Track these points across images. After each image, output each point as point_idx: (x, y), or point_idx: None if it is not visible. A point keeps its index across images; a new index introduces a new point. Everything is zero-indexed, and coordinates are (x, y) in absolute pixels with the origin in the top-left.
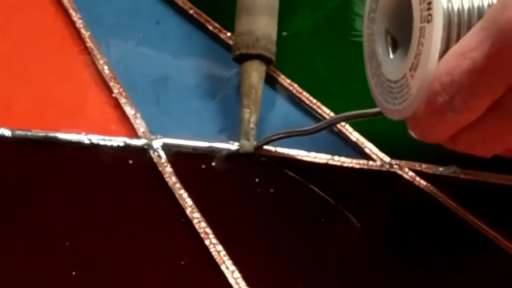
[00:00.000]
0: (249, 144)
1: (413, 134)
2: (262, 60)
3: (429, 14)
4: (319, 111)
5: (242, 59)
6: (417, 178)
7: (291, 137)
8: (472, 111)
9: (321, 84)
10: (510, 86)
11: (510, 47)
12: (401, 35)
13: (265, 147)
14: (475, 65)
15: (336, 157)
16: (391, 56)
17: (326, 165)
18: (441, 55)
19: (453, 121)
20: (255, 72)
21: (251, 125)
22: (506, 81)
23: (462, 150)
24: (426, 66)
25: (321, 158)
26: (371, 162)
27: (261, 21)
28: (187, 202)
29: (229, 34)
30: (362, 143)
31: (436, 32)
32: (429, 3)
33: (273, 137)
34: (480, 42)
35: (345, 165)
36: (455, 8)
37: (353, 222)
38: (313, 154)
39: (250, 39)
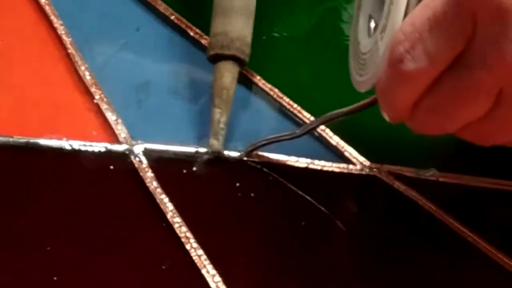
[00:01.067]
0: (218, 144)
1: (381, 107)
2: (236, 61)
3: None
4: (300, 115)
5: (216, 59)
6: (397, 182)
7: (280, 141)
8: (432, 64)
9: (302, 89)
10: (469, 39)
11: None
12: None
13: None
14: (435, 14)
15: (317, 161)
16: (369, 35)
17: (306, 169)
18: None
19: (412, 76)
20: (228, 73)
21: (221, 125)
22: (464, 32)
23: (421, 126)
24: (394, 20)
25: (302, 162)
26: (351, 166)
27: (236, 22)
28: (168, 207)
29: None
30: (342, 147)
31: None
32: None
33: (263, 142)
34: None
35: (325, 169)
36: None
37: (334, 226)
38: (293, 158)
39: (225, 40)
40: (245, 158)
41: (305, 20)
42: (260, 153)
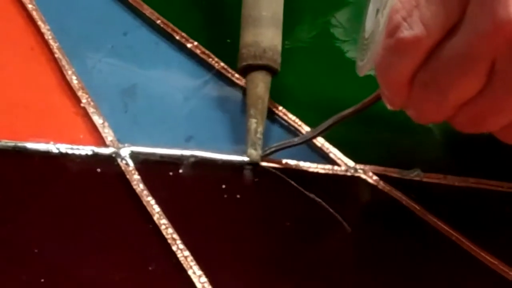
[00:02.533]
0: (256, 154)
1: (380, 85)
2: (268, 70)
3: None
4: (285, 117)
5: (248, 70)
6: (381, 182)
7: (292, 146)
8: (428, 32)
9: (287, 91)
10: (464, 7)
11: None
12: None
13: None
14: None
15: (302, 163)
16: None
17: (291, 170)
18: None
19: (408, 43)
20: (262, 83)
21: (258, 135)
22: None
23: (419, 108)
24: None
25: (288, 164)
26: (336, 167)
27: (267, 32)
28: (155, 208)
29: (196, 43)
30: (327, 149)
31: None
32: None
33: (273, 149)
34: None
35: (311, 170)
36: None
37: (319, 226)
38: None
39: (257, 50)
40: (229, 160)
41: (305, 32)
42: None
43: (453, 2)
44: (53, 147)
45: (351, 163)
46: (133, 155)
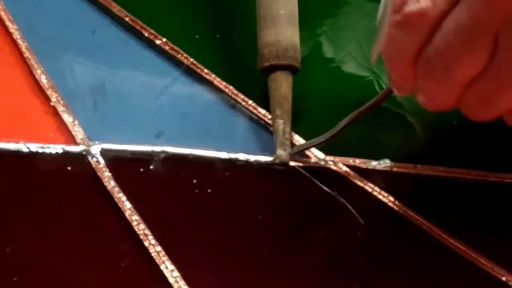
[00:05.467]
0: (285, 154)
1: (387, 67)
2: (289, 70)
3: None
4: (255, 111)
5: (270, 70)
6: (352, 173)
7: (318, 145)
8: (433, 3)
9: (255, 85)
10: None
11: None
12: None
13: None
14: None
15: (271, 158)
16: None
17: (259, 163)
18: None
19: (417, 18)
20: (286, 83)
21: (286, 135)
22: None
23: (424, 84)
24: None
25: (255, 156)
26: (305, 159)
27: (286, 31)
28: (126, 205)
29: (164, 40)
30: (297, 141)
31: None
32: None
33: (304, 147)
34: None
35: None
36: None
37: (292, 219)
38: (244, 155)
39: (279, 50)
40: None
41: None
42: (216, 152)
43: None
44: (23, 147)
45: (321, 155)
46: (104, 153)
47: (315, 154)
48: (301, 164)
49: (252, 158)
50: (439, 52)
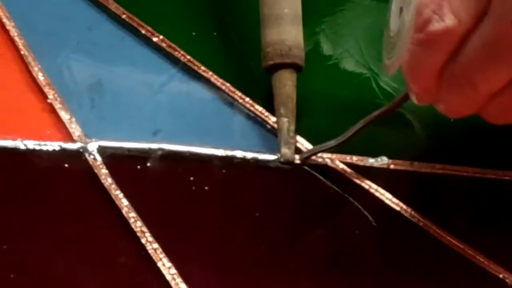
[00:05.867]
0: (290, 153)
1: (408, 82)
2: (293, 68)
3: None
4: (252, 108)
5: (274, 68)
6: (349, 170)
7: (330, 148)
8: (459, 21)
9: (253, 83)
10: None
11: None
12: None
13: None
14: None
15: (269, 155)
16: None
17: (258, 161)
18: None
19: (442, 37)
20: (289, 81)
21: (291, 134)
22: None
23: (447, 97)
24: None
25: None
26: None
27: (290, 30)
28: (123, 202)
29: (161, 37)
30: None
31: None
32: None
33: (317, 150)
34: None
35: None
36: None
37: (289, 216)
38: (242, 153)
39: (283, 49)
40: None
41: None
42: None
43: None
44: (21, 144)
45: None
46: (101, 150)
47: None
48: (298, 162)
49: (250, 155)
50: (465, 68)
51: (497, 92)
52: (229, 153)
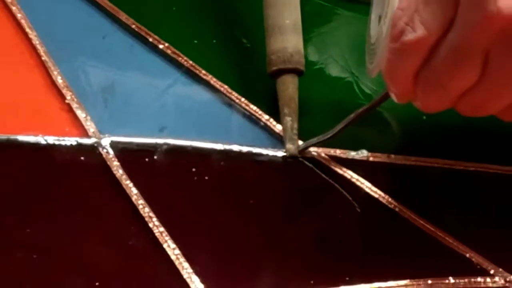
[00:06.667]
0: (294, 148)
1: (388, 85)
2: (295, 73)
3: None
4: (247, 108)
5: (277, 73)
6: (333, 162)
7: (323, 141)
8: (428, 31)
9: (249, 84)
10: (456, 4)
11: None
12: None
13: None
14: None
15: (263, 150)
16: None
17: (253, 154)
18: None
19: (412, 44)
20: (292, 84)
21: (294, 131)
22: None
23: (424, 101)
24: (392, 5)
25: (247, 148)
26: None
27: (291, 38)
28: (133, 191)
29: (167, 44)
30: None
31: None
32: None
33: (312, 143)
34: None
35: (271, 153)
36: None
37: (279, 204)
38: (240, 147)
39: (285, 56)
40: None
41: None
42: (211, 143)
43: (447, 2)
44: (42, 139)
45: None
46: (113, 144)
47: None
48: (288, 154)
49: (245, 149)
50: (436, 72)
51: (466, 91)
52: (227, 147)
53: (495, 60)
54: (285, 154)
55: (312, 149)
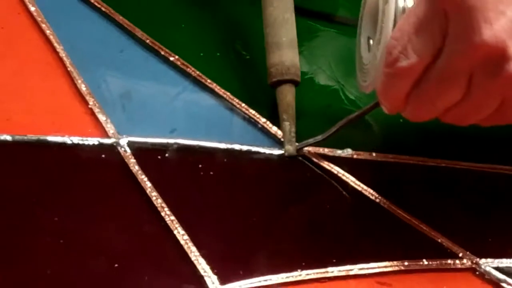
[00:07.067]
0: (292, 149)
1: (381, 103)
2: (292, 83)
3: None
4: (247, 112)
5: (276, 84)
6: (322, 160)
7: (319, 141)
8: (420, 58)
9: (248, 91)
10: (444, 34)
11: None
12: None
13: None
14: (418, 18)
15: (261, 148)
16: (368, 50)
17: (252, 152)
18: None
19: (406, 70)
20: (289, 93)
21: (292, 134)
22: (440, 28)
23: (413, 114)
24: (386, 33)
25: (246, 147)
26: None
27: (288, 54)
28: (147, 184)
29: (176, 57)
30: (280, 135)
31: (390, 7)
32: None
33: (308, 143)
34: (420, 1)
35: (268, 152)
36: None
37: (275, 195)
38: (241, 146)
39: (283, 68)
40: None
41: None
42: (214, 143)
43: (436, 33)
44: (68, 139)
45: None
46: (130, 144)
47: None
48: (283, 152)
49: (245, 148)
50: (426, 92)
51: (451, 106)
52: (229, 146)
53: (478, 81)
54: (280, 152)
55: (305, 148)
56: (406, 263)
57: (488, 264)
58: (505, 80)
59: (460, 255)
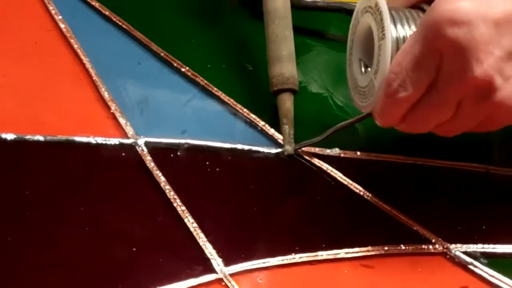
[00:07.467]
0: (291, 149)
1: (377, 121)
2: (291, 92)
3: (383, 34)
4: (248, 116)
5: (277, 92)
6: (313, 157)
7: (314, 143)
8: (416, 89)
9: (250, 98)
10: (438, 69)
11: (436, 37)
12: (368, 60)
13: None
14: (415, 56)
15: (260, 148)
16: (363, 73)
17: (251, 152)
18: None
19: (404, 100)
20: (288, 101)
21: (291, 136)
22: (435, 64)
23: (408, 129)
24: (384, 66)
25: (246, 147)
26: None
27: (287, 66)
28: (162, 179)
29: (187, 68)
30: (277, 137)
31: (388, 43)
32: (382, 28)
33: (305, 144)
34: (416, 40)
35: (265, 151)
36: (399, 27)
37: (272, 188)
38: (243, 146)
39: (283, 79)
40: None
41: None
42: (219, 143)
43: (431, 68)
44: (92, 140)
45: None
46: (147, 144)
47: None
48: (279, 150)
49: (246, 147)
50: (420, 114)
51: (440, 124)
52: (233, 146)
53: (467, 106)
54: (278, 151)
55: (297, 146)
56: (386, 248)
57: (458, 249)
58: (490, 105)
59: (433, 241)
